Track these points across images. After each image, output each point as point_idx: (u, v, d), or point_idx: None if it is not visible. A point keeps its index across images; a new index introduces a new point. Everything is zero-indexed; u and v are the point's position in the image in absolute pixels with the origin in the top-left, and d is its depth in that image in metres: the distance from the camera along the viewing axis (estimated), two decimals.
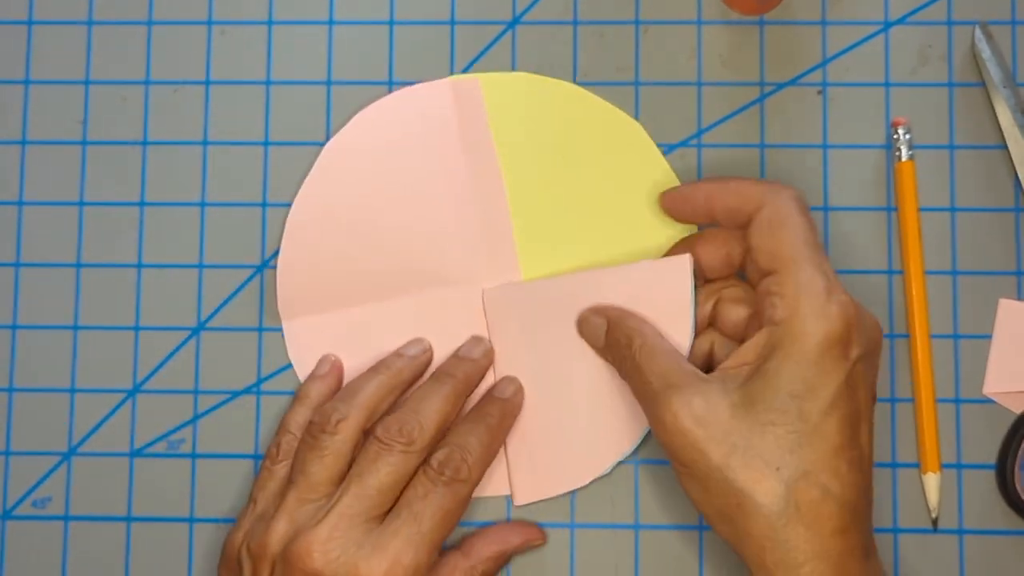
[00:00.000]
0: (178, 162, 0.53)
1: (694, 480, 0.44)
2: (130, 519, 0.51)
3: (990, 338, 0.51)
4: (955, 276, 0.51)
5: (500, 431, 0.49)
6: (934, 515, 0.50)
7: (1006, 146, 0.51)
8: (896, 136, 0.51)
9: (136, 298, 0.52)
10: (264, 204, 0.53)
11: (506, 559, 0.50)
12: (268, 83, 0.53)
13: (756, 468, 0.42)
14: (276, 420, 0.51)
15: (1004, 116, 0.51)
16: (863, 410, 0.44)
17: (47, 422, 0.52)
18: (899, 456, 0.51)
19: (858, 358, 0.43)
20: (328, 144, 0.52)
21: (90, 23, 0.54)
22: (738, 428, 0.43)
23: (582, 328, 0.49)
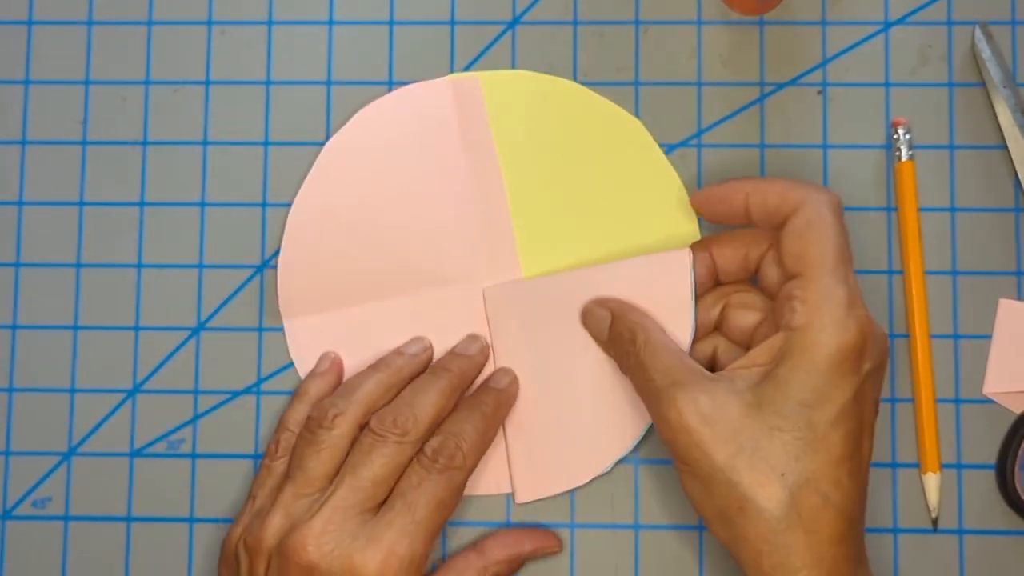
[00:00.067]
0: (178, 162, 0.53)
1: (696, 480, 0.44)
2: (130, 519, 0.51)
3: (990, 338, 0.51)
4: (955, 276, 0.51)
5: (495, 420, 0.49)
6: (934, 515, 0.50)
7: (1006, 146, 0.51)
8: (896, 136, 0.51)
9: (136, 298, 0.52)
10: (264, 204, 0.53)
11: (520, 563, 0.49)
12: (268, 83, 0.53)
13: (761, 472, 0.42)
14: (276, 420, 0.51)
15: (1004, 116, 0.51)
16: (867, 422, 0.44)
17: (47, 422, 0.52)
18: (899, 456, 0.51)
19: (868, 372, 0.43)
20: (328, 144, 0.52)
21: (90, 23, 0.54)
22: (745, 429, 0.42)
23: (586, 320, 0.49)
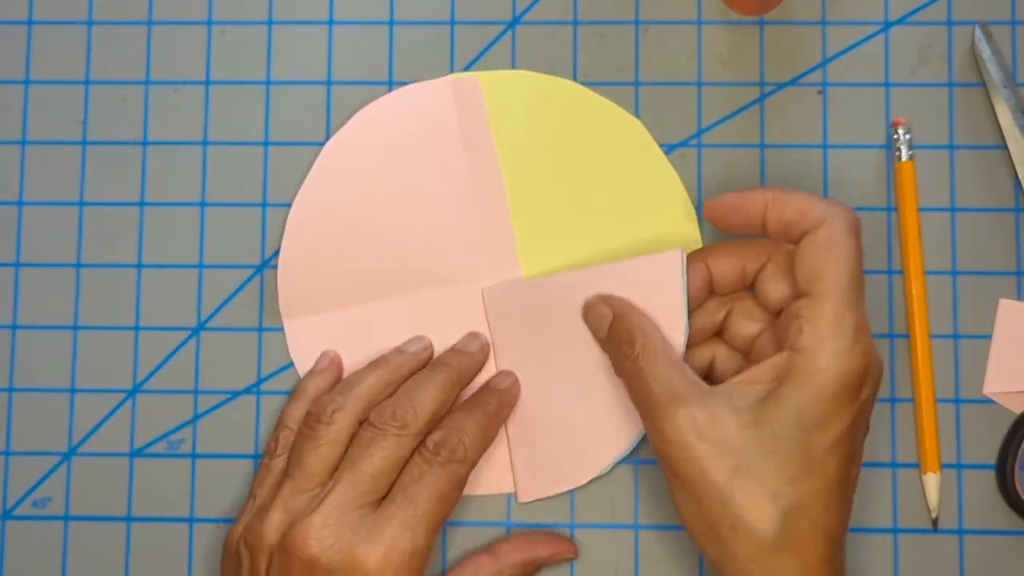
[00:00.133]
0: (178, 162, 0.53)
1: (688, 494, 0.43)
2: (130, 519, 0.51)
3: (990, 338, 0.51)
4: (955, 276, 0.51)
5: (497, 418, 0.49)
6: (934, 515, 0.50)
7: (1006, 146, 0.51)
8: (896, 136, 0.51)
9: (136, 298, 0.52)
10: (264, 204, 0.53)
11: (535, 568, 0.49)
12: (268, 83, 0.53)
13: (755, 493, 0.42)
14: (276, 419, 0.51)
15: (1004, 116, 0.51)
16: (859, 447, 0.44)
17: (47, 422, 0.52)
18: (899, 456, 0.51)
19: (866, 399, 0.43)
20: (328, 144, 0.52)
21: (90, 23, 0.54)
22: (742, 449, 0.42)
23: (587, 315, 0.48)
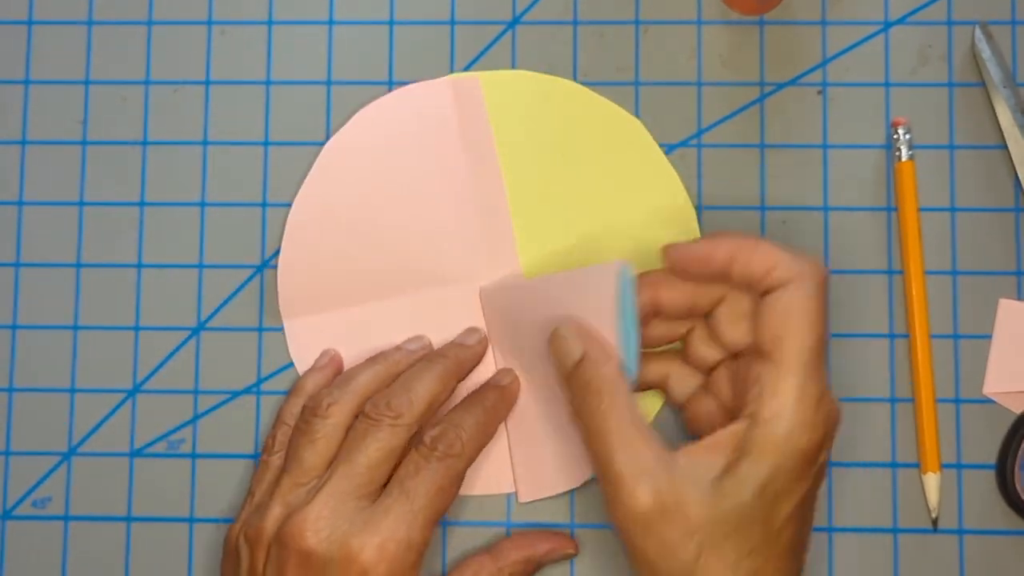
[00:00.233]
0: (178, 162, 0.53)
1: (646, 565, 0.42)
2: (130, 519, 0.51)
3: (990, 338, 0.51)
4: (955, 276, 0.51)
5: (495, 415, 0.49)
6: (934, 515, 0.50)
7: (1006, 146, 0.51)
8: (896, 136, 0.51)
9: (136, 298, 0.52)
10: (264, 204, 0.53)
11: (535, 566, 0.49)
12: (268, 83, 0.53)
13: (718, 568, 0.41)
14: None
15: (1004, 116, 0.51)
16: (815, 502, 0.44)
17: (47, 422, 0.52)
18: (899, 456, 0.51)
19: (823, 461, 0.43)
20: (328, 144, 0.52)
21: (90, 23, 0.54)
22: (706, 527, 0.41)
23: (554, 344, 0.46)
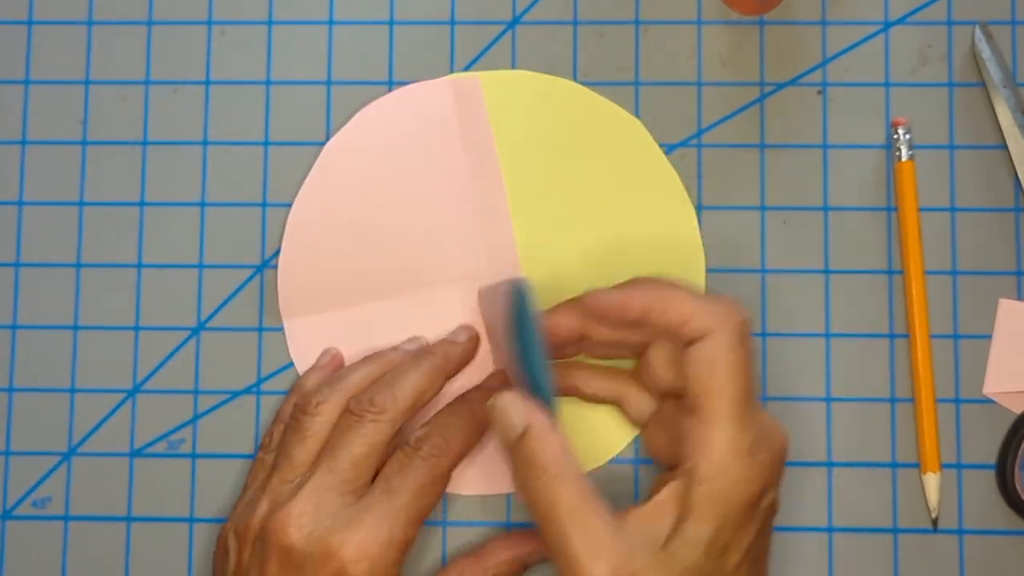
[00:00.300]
0: (178, 162, 0.53)
1: None
2: (130, 519, 0.51)
3: (990, 338, 0.51)
4: (955, 276, 0.51)
5: (483, 415, 0.48)
6: (934, 515, 0.50)
7: (1006, 146, 0.51)
8: (896, 136, 0.51)
9: (136, 298, 0.52)
10: (264, 204, 0.53)
11: (521, 566, 0.48)
12: (268, 83, 0.53)
13: None
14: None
15: (1004, 116, 0.51)
16: (768, 538, 0.44)
17: (47, 422, 0.52)
18: (899, 456, 0.51)
19: (770, 502, 0.43)
20: (328, 144, 0.52)
21: (90, 23, 0.54)
22: None
23: (493, 415, 0.44)
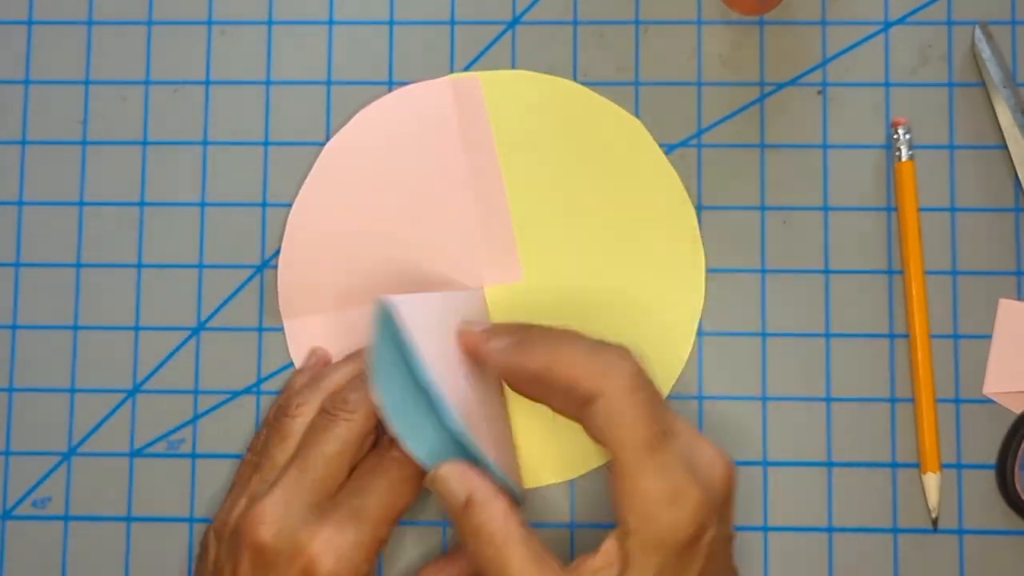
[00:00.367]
0: (178, 162, 0.53)
1: None
2: (130, 519, 0.51)
3: (990, 338, 0.51)
4: (955, 276, 0.51)
5: None
6: (934, 515, 0.50)
7: (1006, 146, 0.51)
8: (896, 136, 0.51)
9: (136, 298, 0.52)
10: (264, 204, 0.53)
11: None
12: (268, 83, 0.53)
13: None
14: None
15: (1004, 116, 0.51)
16: (725, 563, 0.43)
17: (47, 422, 0.52)
18: (899, 456, 0.51)
19: (712, 537, 0.42)
20: (328, 144, 0.52)
21: (90, 23, 0.54)
22: None
23: (435, 485, 0.44)
